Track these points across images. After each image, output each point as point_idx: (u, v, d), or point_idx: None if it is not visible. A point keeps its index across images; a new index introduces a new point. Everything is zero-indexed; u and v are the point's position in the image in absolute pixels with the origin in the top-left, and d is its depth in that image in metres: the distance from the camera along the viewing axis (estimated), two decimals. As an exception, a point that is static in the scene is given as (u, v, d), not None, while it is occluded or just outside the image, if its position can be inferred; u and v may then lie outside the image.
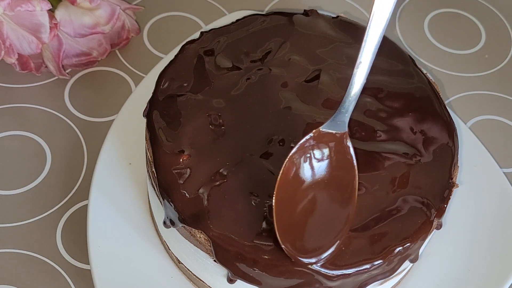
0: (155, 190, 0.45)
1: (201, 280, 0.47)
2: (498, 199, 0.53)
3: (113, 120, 0.56)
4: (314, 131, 0.42)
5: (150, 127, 0.46)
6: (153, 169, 0.44)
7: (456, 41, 0.67)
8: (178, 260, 0.48)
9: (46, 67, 0.59)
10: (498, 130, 0.61)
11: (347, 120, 0.43)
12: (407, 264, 0.45)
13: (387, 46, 0.51)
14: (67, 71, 0.60)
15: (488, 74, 0.65)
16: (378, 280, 0.44)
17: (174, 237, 0.46)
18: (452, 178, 0.45)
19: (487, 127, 0.61)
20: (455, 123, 0.48)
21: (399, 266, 0.44)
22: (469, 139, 0.56)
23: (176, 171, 0.44)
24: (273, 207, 0.41)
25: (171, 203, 0.43)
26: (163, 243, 0.50)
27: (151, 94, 0.47)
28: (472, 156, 0.55)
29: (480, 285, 0.50)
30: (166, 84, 0.47)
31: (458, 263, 0.51)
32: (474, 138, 0.56)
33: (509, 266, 0.50)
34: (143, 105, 0.48)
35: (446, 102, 0.61)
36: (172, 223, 0.44)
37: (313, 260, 0.41)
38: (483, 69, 0.65)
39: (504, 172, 0.55)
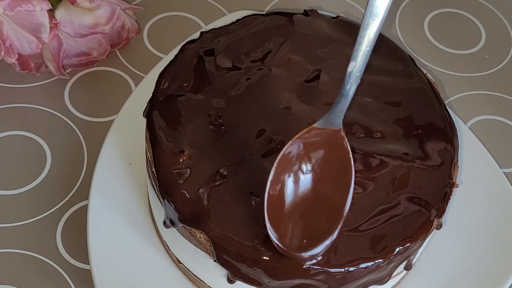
0: (155, 190, 0.45)
1: (201, 280, 0.47)
2: (498, 199, 0.53)
3: (113, 120, 0.56)
4: (307, 129, 0.42)
5: (150, 127, 0.46)
6: (153, 169, 0.44)
7: (456, 41, 0.67)
8: (178, 260, 0.48)
9: (46, 67, 0.59)
10: (498, 130, 0.61)
11: (341, 120, 0.43)
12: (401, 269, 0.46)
13: (387, 46, 0.51)
14: (67, 71, 0.60)
15: (488, 74, 0.65)
16: (378, 283, 0.44)
17: (174, 237, 0.46)
18: (452, 178, 0.45)
19: (487, 127, 0.61)
20: (455, 123, 0.48)
21: (398, 266, 0.44)
22: (469, 139, 0.56)
23: (176, 171, 0.44)
24: (265, 206, 0.40)
25: (171, 203, 0.43)
26: (163, 243, 0.50)
27: (151, 94, 0.47)
28: (472, 156, 0.55)
29: (480, 285, 0.50)
30: (166, 84, 0.47)
31: (458, 263, 0.51)
32: (474, 138, 0.56)
33: (509, 266, 0.50)
34: (143, 105, 0.48)
35: (446, 102, 0.61)
36: (172, 223, 0.44)
37: (307, 255, 0.41)
38: (483, 69, 0.65)
39: (504, 172, 0.55)
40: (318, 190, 0.42)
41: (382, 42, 0.51)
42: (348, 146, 0.42)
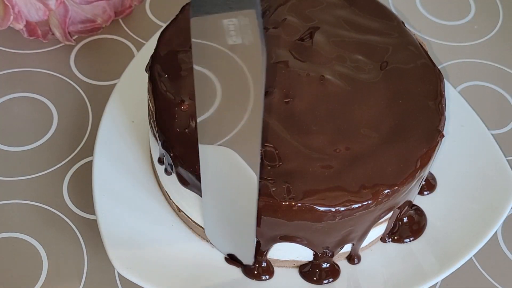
0: (156, 140, 0.48)
1: (200, 226, 0.50)
2: (484, 156, 0.55)
3: (116, 83, 0.58)
4: None
5: (152, 79, 0.48)
6: (155, 119, 0.47)
7: (446, 13, 0.69)
8: (179, 208, 0.50)
9: (53, 34, 0.61)
10: (485, 95, 0.64)
11: None
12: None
13: (377, 8, 0.54)
14: (73, 37, 0.62)
15: (477, 43, 0.67)
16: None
17: (174, 185, 0.48)
18: (440, 123, 0.47)
19: (475, 92, 0.64)
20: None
21: (383, 215, 0.47)
22: (457, 102, 0.58)
23: (177, 120, 0.46)
24: None
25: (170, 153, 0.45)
26: (164, 193, 0.52)
27: (153, 54, 0.50)
28: (460, 116, 0.57)
29: (467, 233, 0.52)
30: (167, 41, 0.50)
31: (446, 214, 0.53)
32: (463, 100, 0.58)
33: (492, 216, 0.52)
34: (144, 69, 0.50)
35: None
36: (172, 168, 0.46)
37: None
38: (473, 39, 0.68)
39: (491, 134, 0.57)
40: None
41: (372, 4, 0.54)
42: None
